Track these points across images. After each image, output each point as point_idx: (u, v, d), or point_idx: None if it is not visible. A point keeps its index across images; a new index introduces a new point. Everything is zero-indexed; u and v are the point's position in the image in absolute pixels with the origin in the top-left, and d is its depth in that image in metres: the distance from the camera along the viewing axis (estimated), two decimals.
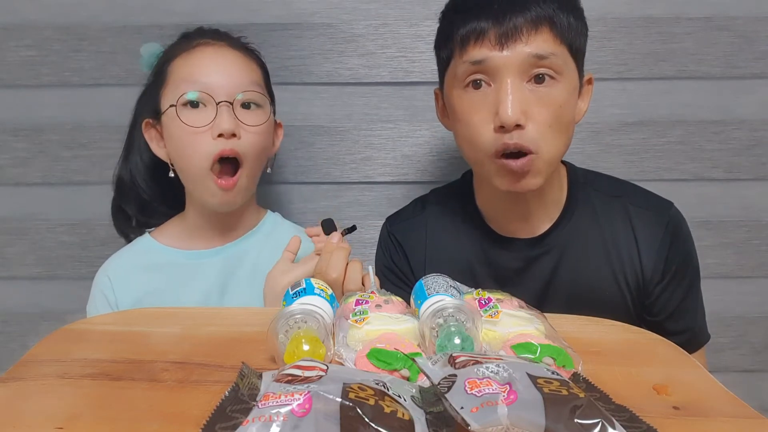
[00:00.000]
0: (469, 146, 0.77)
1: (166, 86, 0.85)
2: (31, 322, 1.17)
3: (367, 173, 1.13)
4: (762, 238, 1.12)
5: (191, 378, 0.53)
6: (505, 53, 0.70)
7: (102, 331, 0.64)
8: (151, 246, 0.92)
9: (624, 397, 0.46)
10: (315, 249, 0.84)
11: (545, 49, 0.70)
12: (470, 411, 0.39)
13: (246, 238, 0.93)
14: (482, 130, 0.74)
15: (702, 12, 1.06)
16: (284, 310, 0.57)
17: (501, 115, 0.70)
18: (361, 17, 1.07)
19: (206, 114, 0.81)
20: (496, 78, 0.72)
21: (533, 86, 0.72)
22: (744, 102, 1.08)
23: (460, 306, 0.56)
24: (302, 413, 0.38)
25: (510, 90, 0.70)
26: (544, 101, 0.72)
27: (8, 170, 1.12)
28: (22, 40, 1.08)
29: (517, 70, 0.71)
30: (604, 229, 0.84)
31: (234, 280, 0.91)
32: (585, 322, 0.66)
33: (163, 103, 0.84)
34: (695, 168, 1.11)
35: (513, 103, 0.70)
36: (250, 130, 0.83)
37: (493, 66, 0.71)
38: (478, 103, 0.74)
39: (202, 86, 0.81)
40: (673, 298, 0.84)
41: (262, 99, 0.86)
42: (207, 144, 0.81)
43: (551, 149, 0.74)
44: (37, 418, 0.47)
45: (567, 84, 0.73)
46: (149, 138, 0.89)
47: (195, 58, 0.84)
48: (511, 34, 0.70)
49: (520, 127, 0.71)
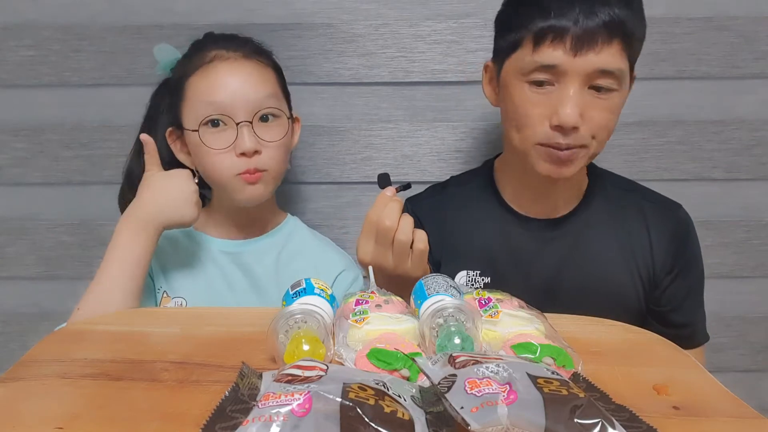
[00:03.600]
0: (518, 133, 0.80)
1: (185, 102, 0.87)
2: (31, 322, 1.17)
3: (367, 173, 1.13)
4: (762, 238, 1.12)
5: (191, 378, 0.53)
6: (578, 60, 0.72)
7: (102, 331, 0.64)
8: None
9: (624, 397, 0.46)
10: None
11: (612, 65, 0.72)
12: (470, 411, 0.39)
13: (268, 236, 0.96)
14: (538, 125, 0.76)
15: (702, 12, 1.06)
16: (284, 310, 0.57)
17: (561, 116, 0.73)
18: (361, 17, 1.07)
19: (227, 134, 0.84)
20: (562, 80, 0.74)
21: (593, 92, 0.74)
22: (744, 102, 1.08)
23: (460, 306, 0.56)
24: (302, 413, 0.38)
25: (572, 95, 0.73)
26: (601, 107, 0.75)
27: (8, 170, 1.12)
28: (22, 40, 1.08)
29: (582, 78, 0.73)
30: (619, 220, 0.87)
31: (247, 277, 0.93)
32: (585, 322, 0.66)
33: (185, 120, 0.87)
34: (695, 168, 1.11)
35: (573, 108, 0.73)
36: (271, 146, 0.86)
37: (563, 71, 0.73)
38: (538, 100, 0.76)
39: (221, 107, 0.83)
40: (680, 291, 0.87)
41: (279, 111, 0.88)
42: (230, 161, 0.84)
43: (598, 146, 0.78)
44: (37, 418, 0.47)
45: (623, 91, 0.77)
46: (174, 149, 0.91)
47: (211, 76, 0.85)
48: (588, 41, 0.71)
49: (576, 129, 0.74)
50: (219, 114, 0.83)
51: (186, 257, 0.93)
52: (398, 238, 0.72)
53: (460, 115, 1.10)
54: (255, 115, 0.84)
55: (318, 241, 1.01)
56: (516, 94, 0.78)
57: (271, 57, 0.93)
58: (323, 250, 0.99)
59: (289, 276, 0.84)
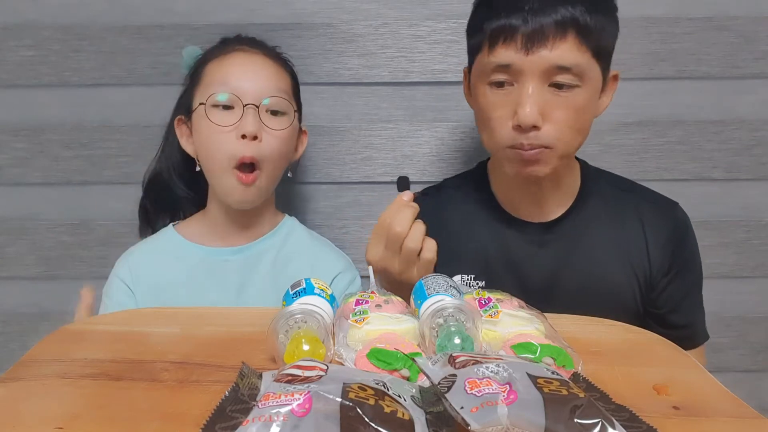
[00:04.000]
0: (487, 135, 0.80)
1: (199, 86, 0.89)
2: (31, 322, 1.17)
3: (367, 173, 1.13)
4: (762, 238, 1.12)
5: (191, 378, 0.53)
6: (530, 58, 0.72)
7: (102, 331, 0.64)
8: (174, 239, 0.95)
9: (624, 397, 0.46)
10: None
11: (567, 60, 0.72)
12: (470, 411, 0.39)
13: (265, 239, 0.96)
14: (501, 126, 0.76)
15: (702, 12, 1.06)
16: (284, 310, 0.57)
17: (519, 116, 0.73)
18: (361, 17, 1.07)
19: (233, 115, 0.85)
20: (519, 79, 0.74)
21: (554, 90, 0.74)
22: (744, 102, 1.08)
23: (460, 306, 0.56)
24: (302, 413, 0.38)
25: (530, 93, 0.72)
26: (564, 105, 0.74)
27: (8, 170, 1.12)
28: (22, 40, 1.08)
29: (539, 75, 0.73)
30: (615, 220, 0.86)
31: (251, 281, 0.93)
32: (585, 322, 0.66)
33: (195, 101, 0.89)
34: (695, 168, 1.11)
35: (531, 106, 0.72)
36: (273, 134, 0.87)
37: (518, 70, 0.73)
38: (499, 101, 0.76)
39: (232, 89, 0.85)
40: (678, 292, 0.86)
41: (288, 106, 0.89)
42: (231, 143, 0.84)
43: (566, 146, 0.77)
44: (37, 418, 0.47)
45: (588, 88, 0.75)
46: (180, 134, 0.93)
47: (228, 62, 0.88)
48: (538, 38, 0.71)
49: (536, 128, 0.73)
50: (229, 93, 0.84)
51: (180, 274, 0.92)
52: (407, 245, 0.71)
53: (460, 115, 1.10)
54: (263, 104, 0.85)
55: (315, 242, 1.00)
56: (480, 97, 0.79)
57: (291, 66, 0.95)
58: (321, 251, 0.99)
59: (287, 279, 0.83)
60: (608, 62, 0.78)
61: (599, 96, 0.79)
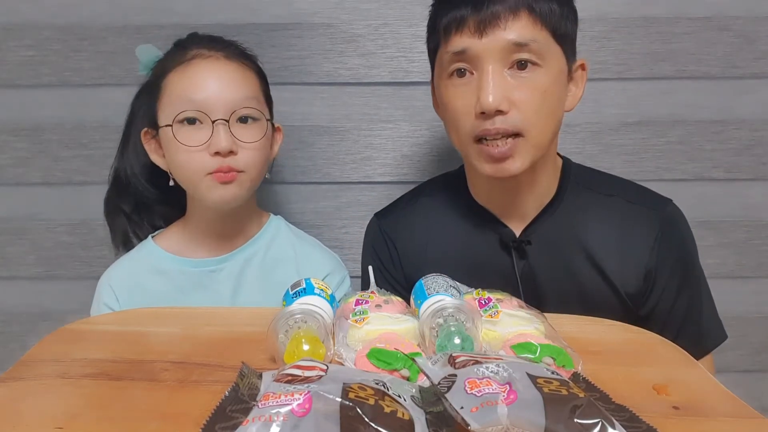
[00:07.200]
0: (454, 133, 0.79)
1: (161, 100, 0.84)
2: (31, 322, 1.17)
3: (367, 173, 1.13)
4: (762, 238, 1.12)
5: (191, 378, 0.53)
6: (485, 41, 0.71)
7: (102, 331, 0.64)
8: (155, 252, 0.91)
9: (624, 397, 0.46)
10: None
11: (525, 36, 0.70)
12: (470, 411, 0.39)
13: (250, 244, 0.92)
14: (465, 117, 0.74)
15: (702, 12, 1.06)
16: (284, 310, 0.57)
17: (481, 101, 0.71)
18: (361, 17, 1.07)
19: (203, 132, 0.80)
20: (478, 66, 0.72)
21: (515, 72, 0.72)
22: (744, 102, 1.08)
23: (460, 306, 0.56)
24: (302, 413, 0.38)
25: (491, 77, 0.71)
26: (528, 86, 0.72)
27: (8, 170, 1.12)
28: (22, 40, 1.08)
29: (497, 57, 0.71)
30: (592, 229, 0.82)
31: (242, 288, 0.90)
32: (585, 322, 0.66)
33: (160, 117, 0.84)
34: (695, 168, 1.11)
35: (494, 89, 0.70)
36: (248, 147, 0.82)
37: (474, 54, 0.72)
38: (461, 91, 0.75)
39: (198, 104, 0.80)
40: (668, 300, 0.81)
41: (259, 113, 0.85)
42: (204, 161, 0.81)
43: (538, 133, 0.73)
44: (37, 418, 0.47)
45: (551, 69, 0.73)
46: (149, 148, 0.88)
47: (190, 73, 0.82)
48: (490, 21, 0.70)
49: (502, 112, 0.71)
50: (195, 110, 0.80)
51: (166, 289, 0.88)
52: None
53: None
54: (233, 114, 0.81)
55: (302, 243, 0.96)
56: (443, 93, 0.78)
57: (256, 61, 0.90)
58: (308, 252, 0.95)
59: (275, 284, 0.82)
60: (572, 49, 0.77)
61: (567, 84, 0.77)
